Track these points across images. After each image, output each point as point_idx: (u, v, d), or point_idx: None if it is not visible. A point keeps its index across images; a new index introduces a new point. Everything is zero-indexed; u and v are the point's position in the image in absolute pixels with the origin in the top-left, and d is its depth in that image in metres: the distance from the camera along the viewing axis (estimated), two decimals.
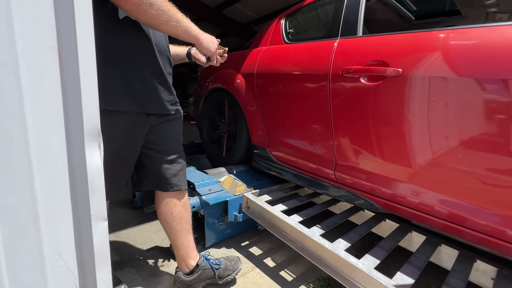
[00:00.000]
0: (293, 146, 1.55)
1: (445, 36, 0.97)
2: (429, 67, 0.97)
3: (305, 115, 1.44)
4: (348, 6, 1.39)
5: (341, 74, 1.22)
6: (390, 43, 1.11)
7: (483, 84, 0.86)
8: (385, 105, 1.09)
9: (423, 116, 1.00)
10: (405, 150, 1.06)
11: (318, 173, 1.44)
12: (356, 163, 1.24)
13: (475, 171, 0.90)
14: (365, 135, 1.17)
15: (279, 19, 1.88)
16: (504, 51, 0.83)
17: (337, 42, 1.33)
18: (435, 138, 0.98)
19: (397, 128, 1.07)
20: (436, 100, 0.96)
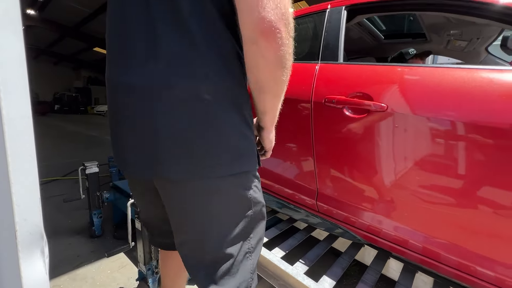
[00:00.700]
0: (271, 171, 1.48)
1: (433, 73, 0.97)
2: (413, 104, 0.96)
3: (286, 140, 1.37)
4: (328, 30, 1.35)
5: (324, 103, 1.18)
6: (374, 74, 1.08)
7: (467, 127, 0.86)
8: (369, 139, 1.06)
9: (405, 153, 0.99)
10: (384, 186, 1.05)
11: (298, 201, 1.38)
12: (337, 194, 1.21)
13: (449, 210, 0.92)
14: (347, 167, 1.15)
15: None
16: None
17: (318, 66, 1.28)
18: (413, 177, 0.98)
19: (378, 163, 1.05)
20: (418, 137, 0.95)
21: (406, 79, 1.01)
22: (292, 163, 1.37)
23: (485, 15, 1.04)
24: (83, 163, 1.79)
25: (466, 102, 0.87)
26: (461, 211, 0.90)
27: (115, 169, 2.66)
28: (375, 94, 1.04)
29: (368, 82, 1.08)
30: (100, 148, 5.26)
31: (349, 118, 1.10)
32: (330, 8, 1.41)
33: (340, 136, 1.14)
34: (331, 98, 1.15)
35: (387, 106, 1.00)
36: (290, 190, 1.40)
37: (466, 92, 0.87)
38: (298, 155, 1.33)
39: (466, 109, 0.86)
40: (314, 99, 1.22)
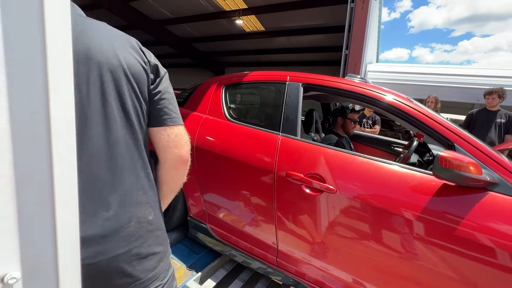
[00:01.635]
0: (237, 229, 1.59)
1: (369, 165, 1.23)
2: (359, 191, 1.21)
3: (250, 202, 1.51)
4: (288, 103, 1.54)
5: (285, 177, 1.36)
6: (327, 158, 1.31)
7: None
8: (321, 213, 1.28)
9: (349, 231, 1.24)
10: (329, 251, 1.29)
11: (261, 256, 1.54)
12: (295, 254, 1.41)
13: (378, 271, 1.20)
14: (303, 233, 1.35)
15: (218, 85, 1.86)
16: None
17: (280, 139, 1.45)
18: (349, 245, 1.24)
19: (327, 234, 1.28)
20: (359, 216, 1.21)
21: (350, 166, 1.26)
22: (256, 223, 1.51)
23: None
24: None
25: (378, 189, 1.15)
26: (391, 272, 1.19)
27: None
28: (327, 176, 1.27)
29: (322, 164, 1.30)
30: None
31: (307, 194, 1.30)
32: (289, 82, 1.60)
33: (299, 208, 1.34)
34: (292, 174, 1.34)
35: (336, 189, 1.24)
36: (254, 246, 1.54)
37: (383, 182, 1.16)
38: (261, 217, 1.48)
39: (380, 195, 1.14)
40: (277, 171, 1.38)
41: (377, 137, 2.72)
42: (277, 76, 1.66)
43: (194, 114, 1.83)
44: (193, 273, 1.58)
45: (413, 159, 2.19)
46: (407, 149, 2.27)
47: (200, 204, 1.73)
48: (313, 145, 1.38)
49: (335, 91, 1.49)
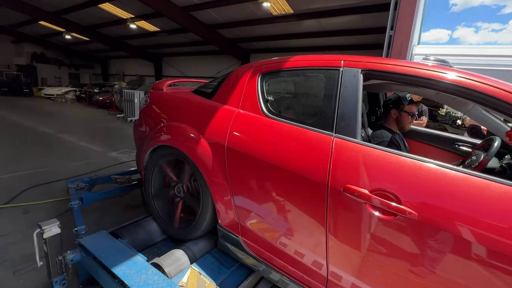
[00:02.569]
0: (276, 247, 1.34)
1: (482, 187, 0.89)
2: (455, 219, 0.88)
3: (294, 218, 1.24)
4: (344, 96, 1.21)
5: (343, 192, 1.06)
6: (403, 170, 0.98)
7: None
8: (395, 247, 0.97)
9: (432, 263, 0.92)
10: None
11: (306, 283, 1.28)
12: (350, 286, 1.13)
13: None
14: (372, 269, 1.05)
15: (253, 74, 1.57)
16: None
17: (334, 142, 1.14)
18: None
19: (400, 268, 0.98)
20: (458, 262, 0.89)
21: (440, 183, 0.92)
22: (301, 244, 1.24)
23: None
24: (39, 224, 1.46)
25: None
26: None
27: (78, 202, 2.29)
28: (404, 195, 0.95)
29: (396, 178, 0.98)
30: (52, 155, 4.57)
31: (373, 217, 1.00)
32: (344, 68, 1.26)
33: (361, 233, 1.04)
34: (352, 189, 1.03)
35: (417, 214, 0.91)
36: (297, 270, 1.28)
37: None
38: (308, 238, 1.20)
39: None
40: (331, 184, 1.09)
41: (437, 133, 2.27)
42: (328, 61, 1.33)
43: (225, 108, 1.56)
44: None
45: (491, 164, 1.76)
46: (481, 149, 1.83)
47: (231, 213, 1.49)
48: (382, 151, 1.05)
49: (413, 80, 1.13)
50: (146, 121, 2.03)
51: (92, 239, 1.63)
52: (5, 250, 2.03)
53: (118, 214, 2.72)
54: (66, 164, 4.10)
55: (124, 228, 1.83)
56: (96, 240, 1.62)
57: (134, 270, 1.37)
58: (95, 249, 1.53)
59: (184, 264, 1.51)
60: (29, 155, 4.40)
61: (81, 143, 5.48)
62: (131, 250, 1.54)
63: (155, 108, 2.00)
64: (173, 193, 1.87)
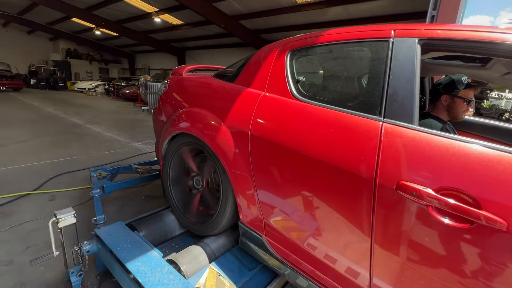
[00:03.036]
0: (305, 250, 1.15)
1: None
2: None
3: (329, 219, 1.04)
4: (395, 72, 0.97)
5: (396, 191, 0.84)
6: (486, 166, 0.74)
7: None
8: (474, 264, 0.75)
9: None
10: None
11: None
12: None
13: None
14: (427, 283, 0.84)
15: (280, 52, 1.37)
16: None
17: (384, 129, 0.92)
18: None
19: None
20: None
21: None
22: (336, 247, 1.05)
23: None
24: (55, 213, 1.40)
25: None
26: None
27: (98, 191, 2.27)
28: (487, 199, 0.71)
29: (475, 177, 0.74)
30: (81, 144, 4.72)
31: (441, 225, 0.77)
32: (395, 39, 1.02)
33: (424, 244, 0.82)
34: (409, 187, 0.81)
35: (506, 223, 0.68)
36: (331, 279, 1.09)
37: None
38: (347, 243, 1.00)
39: None
40: (380, 180, 0.87)
41: (497, 124, 1.92)
42: (374, 31, 1.09)
43: (248, 91, 1.39)
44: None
45: None
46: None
47: (255, 209, 1.33)
48: (452, 140, 0.81)
49: (496, 50, 0.86)
50: (165, 108, 1.91)
51: (108, 231, 1.56)
52: (30, 236, 2.05)
53: (138, 205, 2.68)
54: (92, 154, 4.20)
55: (141, 220, 1.75)
56: (112, 232, 1.55)
57: (149, 267, 1.27)
58: (110, 241, 1.45)
59: (202, 263, 1.38)
60: (60, 144, 4.57)
61: (108, 134, 5.62)
62: (147, 244, 1.44)
63: (174, 94, 1.87)
64: (192, 185, 1.75)
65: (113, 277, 1.66)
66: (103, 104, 11.54)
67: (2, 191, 2.70)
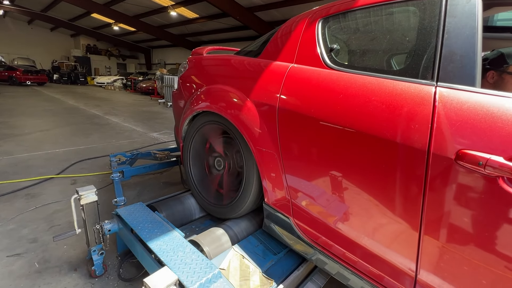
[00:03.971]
0: (338, 232, 1.06)
1: None
2: None
3: (366, 196, 0.94)
4: (450, 29, 0.85)
5: (455, 161, 0.73)
6: None
7: None
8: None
9: None
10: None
11: (377, 279, 0.98)
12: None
13: None
14: (491, 267, 0.72)
15: (310, 20, 1.26)
16: None
17: (438, 93, 0.80)
18: None
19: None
20: None
21: None
22: (377, 230, 0.94)
23: None
24: (77, 190, 1.38)
25: None
26: None
27: (118, 175, 2.27)
28: None
29: None
30: (100, 134, 4.82)
31: (510, 197, 0.66)
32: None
33: (483, 219, 0.71)
34: (475, 157, 0.69)
35: None
36: (370, 265, 0.99)
37: None
38: (389, 222, 0.90)
39: None
40: (435, 150, 0.76)
41: None
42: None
43: (276, 63, 1.29)
44: (273, 283, 1.14)
45: None
46: None
47: (281, 189, 1.24)
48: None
49: None
50: (185, 88, 1.86)
51: (129, 210, 1.53)
52: (53, 217, 2.07)
53: (157, 190, 2.67)
54: (111, 142, 4.27)
55: (162, 202, 1.71)
56: (132, 211, 1.52)
57: (170, 246, 1.22)
58: (131, 220, 1.42)
59: (225, 245, 1.32)
60: (81, 133, 4.69)
61: (125, 124, 5.71)
62: (168, 224, 1.40)
63: (194, 73, 1.81)
64: (213, 166, 1.69)
65: (133, 258, 1.64)
66: (121, 97, 11.81)
67: (28, 174, 2.78)
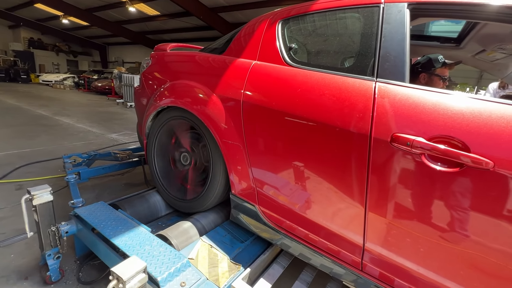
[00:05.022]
0: (300, 215, 1.16)
1: None
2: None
3: (323, 179, 1.06)
4: (387, 34, 1.01)
5: (390, 143, 0.87)
6: (472, 113, 0.79)
7: None
8: (462, 205, 0.79)
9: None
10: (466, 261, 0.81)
11: (334, 254, 1.11)
12: (393, 256, 0.95)
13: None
14: (428, 235, 0.87)
15: (271, 21, 1.36)
16: None
17: (378, 88, 0.95)
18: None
19: (474, 242, 0.80)
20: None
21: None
22: (331, 209, 1.06)
23: None
24: (28, 190, 1.28)
25: None
26: None
27: (74, 177, 2.12)
28: (474, 143, 0.76)
29: (462, 123, 0.79)
30: (49, 135, 4.38)
31: (433, 171, 0.81)
32: (386, 4, 1.05)
33: (416, 190, 0.86)
34: (403, 138, 0.84)
35: (493, 163, 0.73)
36: (325, 240, 1.11)
37: None
38: (341, 201, 1.02)
39: None
40: (375, 135, 0.90)
41: None
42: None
43: (239, 60, 1.36)
44: (240, 268, 1.20)
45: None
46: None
47: (247, 179, 1.31)
48: (442, 93, 0.85)
49: (492, 13, 0.91)
50: (147, 84, 1.83)
51: (89, 210, 1.46)
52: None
53: (118, 192, 2.55)
54: (63, 144, 3.92)
55: (125, 200, 1.66)
56: (93, 211, 1.45)
57: (137, 241, 1.21)
58: (92, 219, 1.36)
59: (193, 237, 1.34)
60: (25, 135, 4.21)
61: (79, 125, 5.28)
62: (133, 220, 1.37)
63: (158, 69, 1.79)
64: (179, 161, 1.69)
65: (94, 260, 1.56)
66: (72, 97, 10.80)
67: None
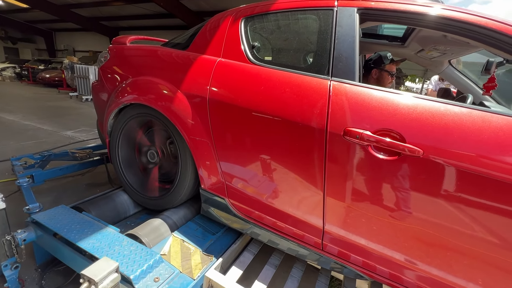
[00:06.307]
0: (267, 204, 1.25)
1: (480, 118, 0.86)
2: (460, 154, 0.85)
3: (287, 170, 1.14)
4: (339, 37, 1.10)
5: (343, 136, 0.98)
6: (407, 109, 0.92)
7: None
8: (398, 187, 0.93)
9: (437, 211, 0.90)
10: (402, 231, 0.97)
11: (298, 238, 1.22)
12: (349, 235, 1.09)
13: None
14: (374, 214, 1.01)
15: (234, 18, 1.39)
16: None
17: (332, 86, 1.05)
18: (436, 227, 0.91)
19: (403, 209, 0.95)
20: (456, 189, 0.87)
21: (443, 119, 0.88)
22: (295, 197, 1.16)
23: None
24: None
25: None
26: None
27: (27, 180, 1.96)
28: (408, 134, 0.90)
29: (400, 118, 0.92)
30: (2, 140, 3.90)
31: (376, 159, 0.94)
32: (339, 7, 1.15)
33: (364, 177, 0.98)
34: (353, 132, 0.96)
35: (422, 151, 0.87)
36: (290, 226, 1.21)
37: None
38: (303, 189, 1.13)
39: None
40: (330, 129, 1.00)
41: None
42: (319, 1, 1.20)
43: (204, 57, 1.37)
44: (212, 259, 1.26)
45: None
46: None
47: (216, 174, 1.35)
48: (383, 92, 0.98)
49: (422, 21, 1.04)
50: (107, 79, 1.74)
51: (49, 214, 1.39)
52: None
53: (80, 194, 2.40)
54: (9, 144, 3.52)
55: (89, 202, 1.60)
56: (54, 215, 1.38)
57: (105, 243, 1.19)
58: (54, 224, 1.30)
59: (164, 234, 1.36)
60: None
61: (26, 122, 4.76)
62: (100, 222, 1.34)
63: (117, 63, 1.71)
64: (145, 159, 1.66)
65: (58, 266, 1.50)
66: (14, 90, 9.60)
67: None
